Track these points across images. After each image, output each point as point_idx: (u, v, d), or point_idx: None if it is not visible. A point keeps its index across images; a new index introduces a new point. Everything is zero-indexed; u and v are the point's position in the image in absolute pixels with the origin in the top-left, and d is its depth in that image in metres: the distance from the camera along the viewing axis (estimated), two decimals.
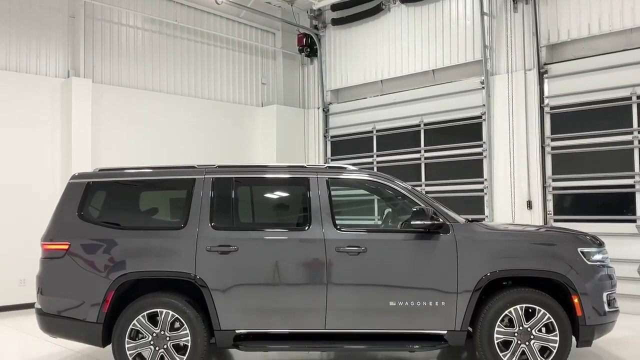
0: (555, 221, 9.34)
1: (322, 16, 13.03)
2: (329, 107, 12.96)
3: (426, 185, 11.02)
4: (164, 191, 6.12)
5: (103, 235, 5.46)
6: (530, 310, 5.32)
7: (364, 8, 12.12)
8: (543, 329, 5.31)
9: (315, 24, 13.05)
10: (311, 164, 6.01)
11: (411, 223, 5.39)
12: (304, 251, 5.44)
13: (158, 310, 5.32)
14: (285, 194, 6.37)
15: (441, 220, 5.45)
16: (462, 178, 10.54)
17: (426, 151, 11.10)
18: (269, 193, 6.49)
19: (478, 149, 10.37)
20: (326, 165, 6.17)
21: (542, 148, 9.51)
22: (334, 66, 12.84)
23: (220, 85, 12.31)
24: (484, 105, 10.21)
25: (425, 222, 5.34)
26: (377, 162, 11.87)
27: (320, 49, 12.99)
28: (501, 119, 10.00)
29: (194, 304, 5.39)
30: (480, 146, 10.33)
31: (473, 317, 5.38)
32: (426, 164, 11.11)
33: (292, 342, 5.48)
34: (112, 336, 5.32)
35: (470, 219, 5.83)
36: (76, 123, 9.73)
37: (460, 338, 5.40)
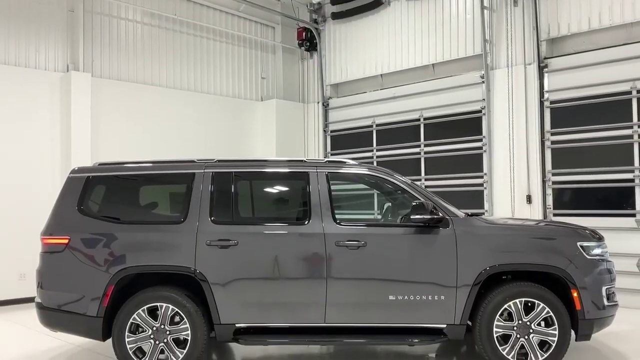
0: (554, 215, 9.35)
1: (322, 10, 12.99)
2: (329, 102, 12.94)
3: (426, 179, 11.02)
4: (164, 185, 6.11)
5: (103, 229, 5.46)
6: (529, 304, 5.33)
7: (364, 2, 12.09)
8: (542, 323, 5.32)
9: (315, 18, 13.02)
10: (311, 159, 6.00)
11: (411, 217, 5.40)
12: (304, 245, 5.44)
13: (158, 304, 5.33)
14: (285, 189, 6.37)
15: (441, 214, 5.45)
16: (462, 172, 10.54)
17: (426, 145, 11.10)
18: (269, 187, 6.49)
19: (478, 144, 10.37)
20: (326, 159, 6.17)
21: (542, 142, 9.51)
22: (334, 60, 12.82)
23: (219, 79, 12.29)
24: (484, 99, 10.20)
25: (424, 217, 5.35)
26: (377, 157, 11.87)
27: (320, 43, 12.96)
28: (501, 114, 9.99)
29: (194, 298, 5.40)
30: (480, 140, 10.33)
31: (472, 311, 5.39)
32: (426, 159, 11.11)
33: (292, 336, 5.50)
34: (112, 330, 5.32)
35: (469, 214, 5.84)
36: (75, 117, 9.72)
37: (459, 332, 5.41)
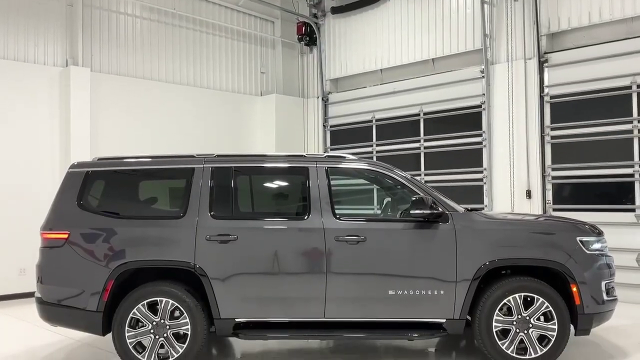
0: (554, 210, 9.36)
1: (322, 4, 12.96)
2: (329, 97, 12.93)
3: (425, 174, 11.02)
4: (163, 180, 6.11)
5: (102, 224, 5.46)
6: (528, 299, 5.34)
7: None
8: (541, 318, 5.32)
9: (314, 13, 12.99)
10: (310, 153, 6.00)
11: (410, 212, 5.40)
12: (304, 240, 5.44)
13: (158, 299, 5.33)
14: (284, 184, 6.37)
15: (440, 209, 5.45)
16: (462, 167, 10.54)
17: (425, 140, 11.09)
18: (269, 182, 6.49)
19: (477, 139, 10.36)
20: (325, 154, 6.17)
21: (542, 137, 9.51)
22: (334, 55, 12.80)
23: (219, 74, 12.27)
24: (484, 94, 10.19)
25: (424, 212, 5.35)
26: (377, 152, 11.86)
27: (319, 38, 12.94)
28: (501, 108, 9.98)
29: (194, 293, 5.40)
30: (479, 135, 10.32)
31: (472, 306, 5.39)
32: (425, 154, 11.11)
33: (292, 331, 5.51)
34: (112, 325, 5.33)
35: (469, 209, 5.84)
36: (75, 112, 9.70)
37: (459, 327, 5.42)
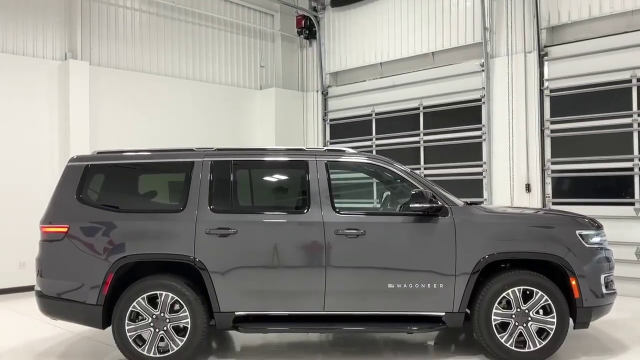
0: (553, 204, 9.36)
1: None
2: (328, 90, 12.90)
3: (425, 168, 11.02)
4: (163, 174, 6.11)
5: (102, 218, 5.46)
6: (528, 292, 5.35)
7: None
8: (540, 311, 5.34)
9: (314, 6, 12.94)
10: (310, 147, 6.00)
11: (410, 206, 5.40)
12: (303, 234, 5.45)
13: (158, 292, 5.34)
14: (284, 177, 6.37)
15: (440, 203, 5.46)
16: (461, 161, 10.54)
17: (425, 134, 11.08)
18: (268, 176, 6.49)
19: (477, 132, 10.35)
20: (325, 148, 6.17)
21: (542, 131, 9.50)
22: (333, 49, 12.76)
23: (218, 67, 12.24)
24: (484, 88, 10.17)
25: (424, 205, 5.35)
26: (376, 146, 11.85)
27: (319, 31, 12.90)
28: (501, 102, 9.96)
29: (194, 287, 5.41)
30: (479, 129, 10.31)
31: (471, 299, 5.41)
32: (425, 147, 11.10)
33: (291, 324, 5.53)
34: (112, 318, 5.34)
35: (469, 202, 5.84)
36: (74, 106, 9.68)
37: (458, 320, 5.44)
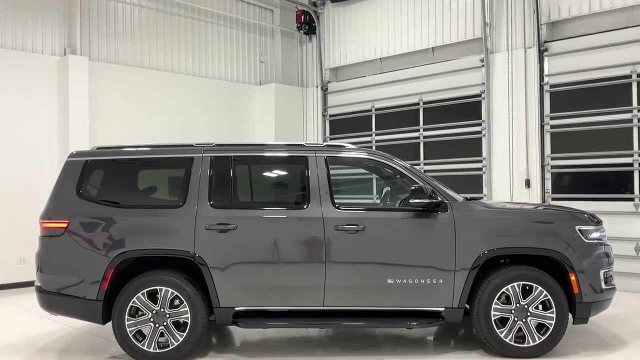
0: (553, 200, 9.37)
1: None
2: (328, 86, 12.89)
3: (425, 164, 11.01)
4: (163, 169, 6.10)
5: (102, 213, 5.46)
6: (527, 287, 5.35)
7: None
8: (540, 306, 5.35)
9: (313, 1, 12.91)
10: (310, 143, 5.99)
11: (410, 201, 5.41)
12: (303, 230, 5.45)
13: (158, 287, 5.35)
14: (283, 173, 6.36)
15: (439, 198, 5.45)
16: (461, 157, 10.53)
17: (425, 130, 11.07)
18: (268, 171, 6.49)
19: (477, 128, 10.34)
20: (325, 143, 6.16)
21: (541, 127, 9.49)
22: (333, 44, 12.74)
23: (218, 63, 12.22)
24: (484, 83, 10.16)
25: (423, 201, 5.35)
26: (376, 141, 11.85)
27: (318, 27, 12.87)
28: (501, 98, 9.95)
29: (194, 282, 5.42)
30: (479, 125, 10.30)
31: (470, 295, 5.41)
32: (425, 143, 11.09)
33: (291, 319, 5.53)
34: (112, 313, 5.35)
35: (468, 198, 5.84)
36: (73, 101, 9.67)
37: (457, 315, 5.45)
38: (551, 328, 5.33)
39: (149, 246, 5.41)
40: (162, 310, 5.34)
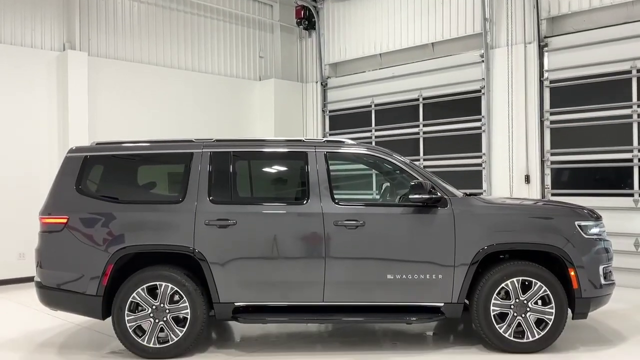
0: (553, 195, 9.37)
1: None
2: (327, 81, 12.87)
3: (424, 159, 11.01)
4: (162, 165, 6.11)
5: (101, 209, 5.46)
6: (526, 283, 5.36)
7: None
8: (539, 302, 5.36)
9: None
10: (309, 138, 5.99)
11: (409, 197, 5.41)
12: (303, 225, 5.45)
13: (157, 283, 5.35)
14: (283, 168, 6.36)
15: (439, 194, 5.46)
16: (461, 152, 10.53)
17: (425, 125, 11.07)
18: (267, 167, 6.49)
19: (477, 123, 10.33)
20: (324, 139, 6.16)
21: (541, 122, 9.48)
22: (333, 39, 12.72)
23: (217, 58, 12.19)
24: (484, 79, 10.14)
25: (423, 196, 5.35)
26: (376, 137, 11.84)
27: (318, 22, 12.84)
28: (500, 93, 9.94)
29: (193, 277, 5.42)
30: (479, 120, 10.30)
31: (470, 290, 5.42)
32: (425, 139, 11.09)
33: (291, 315, 5.54)
34: (112, 309, 5.35)
35: (468, 193, 5.84)
36: (72, 96, 9.65)
37: (457, 310, 5.46)
38: (550, 323, 5.34)
39: (149, 242, 5.41)
40: (162, 305, 5.35)
